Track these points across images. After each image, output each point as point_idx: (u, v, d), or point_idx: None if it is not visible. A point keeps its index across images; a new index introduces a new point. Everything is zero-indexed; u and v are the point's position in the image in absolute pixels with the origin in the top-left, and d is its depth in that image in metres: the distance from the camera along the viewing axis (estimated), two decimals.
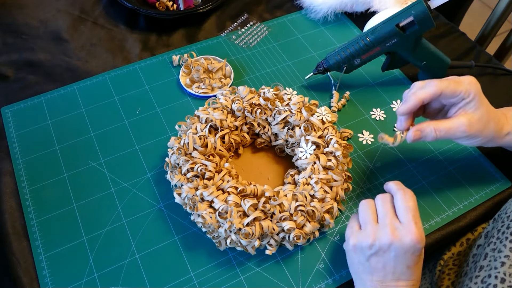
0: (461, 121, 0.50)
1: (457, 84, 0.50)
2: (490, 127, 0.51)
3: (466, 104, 0.50)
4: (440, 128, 0.50)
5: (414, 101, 0.50)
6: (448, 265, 0.57)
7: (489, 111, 0.51)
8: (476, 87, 0.50)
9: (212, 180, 0.54)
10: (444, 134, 0.50)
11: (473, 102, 0.49)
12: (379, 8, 0.77)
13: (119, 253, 0.53)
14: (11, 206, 0.56)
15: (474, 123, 0.50)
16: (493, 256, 0.47)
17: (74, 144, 0.62)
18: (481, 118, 0.50)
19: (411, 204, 0.47)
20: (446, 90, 0.49)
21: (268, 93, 0.61)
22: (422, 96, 0.50)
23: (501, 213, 0.51)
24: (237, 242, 0.51)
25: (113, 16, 0.81)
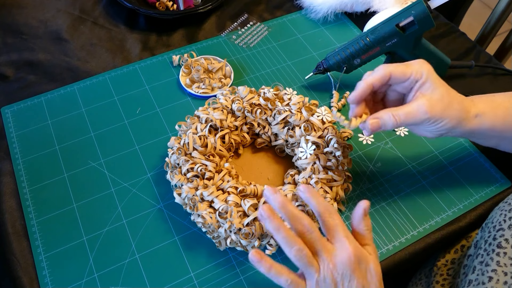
0: (420, 103, 0.47)
1: (406, 66, 0.48)
2: (453, 107, 0.48)
3: (421, 86, 0.48)
4: (398, 113, 0.47)
5: (363, 86, 0.48)
6: (443, 274, 0.56)
7: (449, 91, 0.49)
8: (428, 67, 0.48)
9: (212, 180, 0.54)
10: (404, 118, 0.47)
11: (428, 82, 0.47)
12: (379, 8, 0.77)
13: (119, 253, 0.53)
14: (11, 206, 0.56)
15: (435, 103, 0.47)
16: (480, 270, 0.47)
17: (74, 144, 0.62)
18: (442, 97, 0.47)
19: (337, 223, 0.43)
20: (394, 72, 0.47)
21: (268, 93, 0.61)
22: (370, 80, 0.48)
23: (488, 222, 0.51)
24: (237, 242, 0.51)
25: (113, 16, 0.81)
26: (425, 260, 0.62)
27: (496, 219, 0.49)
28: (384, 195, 0.59)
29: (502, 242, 0.46)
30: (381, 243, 0.55)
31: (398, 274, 0.59)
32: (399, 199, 0.59)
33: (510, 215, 0.47)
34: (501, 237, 0.47)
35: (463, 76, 0.74)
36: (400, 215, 0.57)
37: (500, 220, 0.48)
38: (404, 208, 0.58)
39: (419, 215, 0.57)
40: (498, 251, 0.46)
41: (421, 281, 0.58)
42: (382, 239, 0.55)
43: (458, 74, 0.74)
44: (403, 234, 0.56)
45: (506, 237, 0.46)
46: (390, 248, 0.55)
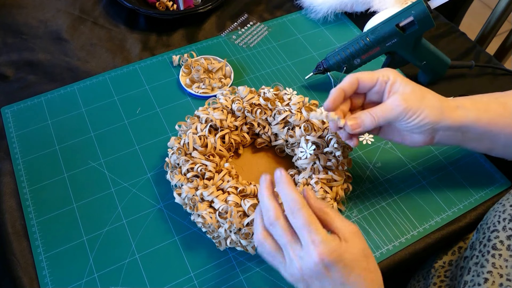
0: (394, 98, 0.48)
1: (373, 72, 0.49)
2: (428, 97, 0.48)
3: (392, 86, 0.48)
4: (375, 110, 0.48)
5: (335, 92, 0.49)
6: (440, 276, 0.56)
7: (421, 87, 0.49)
8: (394, 71, 0.49)
9: (212, 180, 0.54)
10: (381, 115, 0.48)
11: (397, 82, 0.48)
12: (379, 8, 0.77)
13: (119, 253, 0.53)
14: (11, 206, 0.56)
15: (408, 96, 0.47)
16: (476, 271, 0.47)
17: (74, 144, 0.62)
18: (414, 91, 0.48)
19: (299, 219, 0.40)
20: (362, 77, 0.49)
21: (268, 93, 0.61)
22: (340, 86, 0.49)
23: (483, 224, 0.50)
24: (237, 242, 0.51)
25: (113, 16, 0.81)
26: (425, 260, 0.62)
27: (490, 220, 0.49)
28: (384, 195, 0.59)
29: (497, 244, 0.46)
30: (381, 243, 0.55)
31: (398, 274, 0.59)
32: (399, 199, 0.59)
33: (504, 217, 0.48)
34: (496, 239, 0.47)
35: (463, 76, 0.74)
36: (400, 215, 0.57)
37: (495, 221, 0.48)
38: (404, 208, 0.58)
39: (419, 215, 0.57)
40: (493, 252, 0.46)
41: (419, 283, 0.58)
42: (382, 239, 0.55)
43: (458, 74, 0.74)
44: (403, 234, 0.56)
45: (501, 239, 0.46)
46: (390, 248, 0.55)
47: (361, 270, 0.40)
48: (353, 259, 0.40)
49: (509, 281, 0.44)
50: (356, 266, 0.40)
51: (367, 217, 0.57)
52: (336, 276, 0.40)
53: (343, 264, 0.39)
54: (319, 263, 0.39)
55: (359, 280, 0.40)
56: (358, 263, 0.40)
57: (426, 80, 0.71)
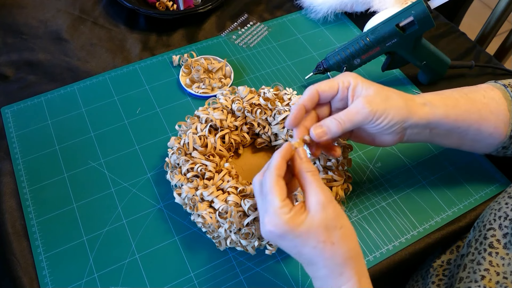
0: (358, 101, 0.46)
1: (332, 80, 0.48)
2: (393, 97, 0.47)
3: (354, 90, 0.47)
4: (340, 115, 0.46)
5: (295, 109, 0.47)
6: (439, 275, 0.56)
7: (384, 87, 0.48)
8: (354, 75, 0.48)
9: (212, 180, 0.54)
10: (346, 119, 0.46)
11: (359, 85, 0.47)
12: (379, 8, 0.77)
13: (119, 253, 0.53)
14: (11, 206, 0.56)
15: (372, 98, 0.46)
16: (472, 268, 0.47)
17: (74, 144, 0.62)
18: (377, 92, 0.46)
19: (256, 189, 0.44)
20: (321, 87, 0.47)
21: (268, 93, 0.61)
22: (300, 102, 0.47)
23: (479, 221, 0.50)
24: (237, 242, 0.51)
25: (113, 16, 0.81)
26: (424, 260, 0.62)
27: (486, 218, 0.49)
28: (384, 195, 0.59)
29: (494, 242, 0.46)
30: (381, 243, 0.55)
31: (398, 274, 0.60)
32: (399, 199, 0.59)
33: (499, 215, 0.48)
34: (493, 237, 0.47)
35: (463, 76, 0.74)
36: (400, 215, 0.57)
37: (490, 219, 0.48)
38: (404, 208, 0.58)
39: (419, 215, 0.57)
40: (490, 250, 0.46)
41: (418, 283, 0.58)
42: (382, 239, 0.55)
43: (458, 74, 0.74)
44: (403, 234, 0.56)
45: (497, 237, 0.46)
46: (390, 248, 0.55)
47: (318, 242, 0.40)
48: (308, 231, 0.40)
49: (506, 279, 0.44)
50: (311, 238, 0.40)
51: (367, 217, 0.57)
52: (290, 244, 0.41)
53: (294, 235, 0.40)
54: (268, 232, 0.41)
55: (314, 252, 0.40)
56: (315, 235, 0.40)
57: (426, 80, 0.71)
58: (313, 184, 0.42)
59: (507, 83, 0.53)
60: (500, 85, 0.53)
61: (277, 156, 0.43)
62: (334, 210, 0.41)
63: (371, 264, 0.53)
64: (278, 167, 0.43)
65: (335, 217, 0.41)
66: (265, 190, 0.42)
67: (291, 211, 0.40)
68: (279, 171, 0.42)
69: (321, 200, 0.40)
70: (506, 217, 0.47)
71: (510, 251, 0.45)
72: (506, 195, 0.49)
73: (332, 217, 0.40)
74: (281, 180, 0.42)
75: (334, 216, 0.41)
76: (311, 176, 0.42)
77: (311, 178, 0.42)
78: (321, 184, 0.42)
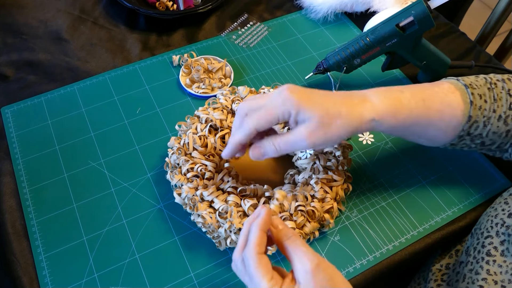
0: (298, 131, 0.44)
1: (269, 113, 0.45)
2: (337, 125, 0.44)
3: (296, 118, 0.45)
4: (278, 141, 0.46)
5: (233, 145, 0.48)
6: (437, 280, 0.56)
7: (328, 108, 0.44)
8: (293, 101, 0.44)
9: (212, 180, 0.54)
10: (284, 146, 0.46)
11: (301, 113, 0.44)
12: (379, 8, 0.77)
13: (119, 253, 0.53)
14: (11, 206, 0.56)
15: (313, 130, 0.44)
16: (470, 278, 0.46)
17: (74, 144, 0.62)
18: (320, 121, 0.44)
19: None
20: (259, 125, 0.45)
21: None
22: (237, 140, 0.47)
23: (477, 228, 0.50)
24: (237, 242, 0.51)
25: (113, 16, 0.81)
26: (425, 261, 0.62)
27: (483, 225, 0.48)
28: (384, 195, 0.59)
29: (491, 250, 0.46)
30: (381, 243, 0.55)
31: (398, 274, 0.60)
32: (399, 199, 0.59)
33: (496, 221, 0.47)
34: (490, 245, 0.46)
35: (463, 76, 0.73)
36: (400, 215, 0.57)
37: (488, 226, 0.48)
38: (404, 208, 0.58)
39: (419, 215, 0.57)
40: (488, 259, 0.46)
41: (420, 286, 0.58)
42: (382, 239, 0.55)
43: (458, 74, 0.73)
44: (403, 234, 0.56)
45: (495, 245, 0.46)
46: (390, 248, 0.55)
47: None
48: None
49: (504, 287, 0.43)
50: None
51: (367, 217, 0.57)
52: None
53: None
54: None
55: None
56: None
57: (426, 80, 0.71)
58: (296, 251, 0.40)
59: (469, 83, 0.50)
60: (461, 85, 0.50)
61: (255, 230, 0.41)
62: (325, 275, 0.39)
63: (371, 264, 0.53)
64: (258, 243, 0.40)
65: (327, 282, 0.39)
66: (249, 271, 0.40)
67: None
68: (260, 248, 0.40)
69: (309, 269, 0.38)
70: (503, 224, 0.46)
71: (508, 258, 0.45)
72: (503, 200, 0.49)
73: (325, 282, 0.39)
74: (264, 258, 0.40)
75: (327, 280, 0.39)
76: (292, 243, 0.40)
77: (293, 245, 0.40)
78: (304, 248, 0.40)
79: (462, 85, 0.50)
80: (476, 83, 0.51)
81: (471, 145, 0.52)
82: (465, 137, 0.50)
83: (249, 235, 0.41)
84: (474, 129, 0.50)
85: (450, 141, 0.51)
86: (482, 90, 0.50)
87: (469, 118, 0.49)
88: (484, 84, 0.51)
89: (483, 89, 0.50)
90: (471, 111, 0.49)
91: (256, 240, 0.40)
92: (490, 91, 0.50)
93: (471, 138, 0.51)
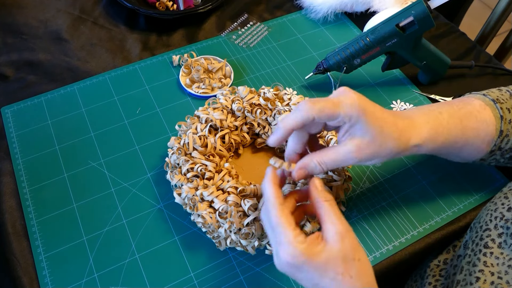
0: (347, 149, 0.43)
1: (335, 106, 0.42)
2: (387, 146, 0.43)
3: (351, 127, 0.42)
4: (324, 160, 0.43)
5: (282, 131, 0.43)
6: (435, 275, 0.56)
7: (383, 128, 0.43)
8: (359, 107, 0.41)
9: (212, 180, 0.54)
10: (331, 165, 0.44)
11: (359, 124, 0.42)
12: (379, 8, 0.77)
13: (119, 253, 0.53)
14: (11, 206, 0.56)
15: (364, 147, 0.42)
16: (468, 270, 0.46)
17: (74, 144, 0.62)
18: (373, 140, 0.42)
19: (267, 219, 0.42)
20: (320, 115, 0.41)
21: (268, 93, 0.61)
22: (289, 125, 0.43)
23: (476, 222, 0.50)
24: (237, 242, 0.51)
25: (113, 16, 0.81)
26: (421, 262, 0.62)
27: (483, 219, 0.49)
28: (384, 195, 0.59)
29: (489, 242, 0.46)
30: (381, 243, 0.55)
31: (398, 274, 0.59)
32: (399, 199, 0.59)
33: (495, 215, 0.47)
34: (488, 237, 0.47)
35: (463, 76, 0.74)
36: (400, 215, 0.57)
37: (487, 220, 0.48)
38: (404, 208, 0.58)
39: (419, 215, 0.57)
40: (485, 251, 0.46)
41: (417, 283, 0.58)
42: (382, 239, 0.55)
43: (458, 74, 0.74)
44: (403, 234, 0.56)
45: (492, 237, 0.46)
46: (390, 248, 0.55)
47: (336, 274, 0.39)
48: (326, 263, 0.39)
49: (501, 279, 0.43)
50: (330, 269, 0.39)
51: (367, 217, 0.57)
52: (308, 276, 0.40)
53: (312, 266, 0.39)
54: (285, 264, 0.40)
55: (332, 285, 0.39)
56: (333, 267, 0.39)
57: (426, 80, 0.71)
58: (331, 214, 0.41)
59: (495, 98, 0.51)
60: (490, 100, 0.51)
61: (268, 185, 0.42)
62: (352, 242, 0.40)
63: (371, 264, 0.53)
64: (276, 195, 0.42)
65: (352, 249, 0.40)
66: (273, 222, 0.41)
67: (306, 240, 0.40)
68: (280, 199, 0.42)
69: (340, 230, 0.39)
70: (502, 217, 0.47)
71: (505, 250, 0.45)
72: (502, 195, 0.49)
73: (350, 249, 0.39)
74: (285, 209, 0.41)
75: (352, 248, 0.40)
76: (329, 205, 0.41)
77: (329, 208, 0.41)
78: (338, 214, 0.41)
79: (490, 100, 0.51)
80: (502, 97, 0.51)
81: (500, 160, 0.53)
82: (496, 152, 0.51)
83: (264, 193, 0.43)
84: (505, 143, 0.50)
85: (481, 157, 0.52)
86: (509, 103, 0.51)
87: (500, 133, 0.49)
88: (510, 98, 0.52)
89: (510, 102, 0.51)
90: (502, 125, 0.49)
91: (272, 193, 0.42)
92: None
93: (501, 153, 0.51)
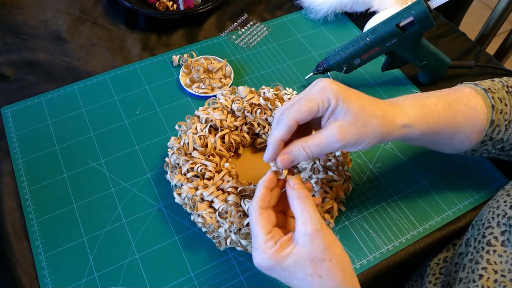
0: (331, 131, 0.42)
1: (308, 100, 0.42)
2: (372, 125, 0.43)
3: (332, 112, 0.42)
4: (308, 145, 0.42)
5: (272, 146, 0.43)
6: (435, 274, 0.56)
7: (365, 106, 0.42)
8: (333, 88, 0.42)
9: (212, 180, 0.54)
10: (316, 150, 0.43)
11: (339, 106, 0.41)
12: (379, 8, 0.77)
13: (119, 253, 0.53)
14: (11, 206, 0.56)
15: (347, 128, 0.42)
16: (470, 268, 0.47)
17: (74, 144, 0.62)
18: (355, 119, 0.42)
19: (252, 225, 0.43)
20: (300, 116, 0.42)
21: (268, 93, 0.61)
22: (278, 137, 0.43)
23: (477, 220, 0.50)
24: (237, 242, 0.51)
25: (113, 16, 0.81)
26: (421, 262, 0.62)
27: (485, 217, 0.49)
28: (384, 195, 0.59)
29: (492, 240, 0.46)
30: (381, 243, 0.55)
31: (398, 274, 0.59)
32: (399, 199, 0.59)
33: (498, 212, 0.47)
34: (490, 235, 0.47)
35: (463, 76, 0.74)
36: (400, 215, 0.57)
37: (489, 217, 0.48)
38: (404, 208, 0.58)
39: (419, 215, 0.57)
40: (488, 249, 0.46)
41: (417, 283, 0.58)
42: (382, 239, 0.55)
43: (458, 74, 0.74)
44: (403, 234, 0.56)
45: (495, 235, 0.46)
46: (390, 248, 0.55)
47: (305, 275, 0.40)
48: (294, 265, 0.40)
49: (504, 277, 0.43)
50: (298, 271, 0.40)
51: (367, 217, 0.57)
52: (280, 276, 0.42)
53: (281, 269, 0.40)
54: (259, 266, 0.42)
55: (303, 284, 0.40)
56: (302, 268, 0.40)
57: (426, 80, 0.71)
58: (303, 212, 0.40)
59: (487, 87, 0.51)
60: (481, 89, 0.50)
61: (260, 186, 0.43)
62: (323, 241, 0.39)
63: (371, 264, 0.53)
64: (261, 198, 0.43)
65: (324, 249, 0.39)
66: (251, 225, 0.42)
67: (277, 244, 0.40)
68: (262, 203, 0.42)
69: (309, 231, 0.39)
70: (505, 215, 0.47)
71: (508, 248, 0.45)
72: (505, 193, 0.49)
73: (320, 249, 0.39)
74: (264, 212, 0.42)
75: (323, 248, 0.39)
76: (302, 203, 0.41)
77: (301, 206, 0.41)
78: (312, 211, 0.40)
79: (482, 89, 0.51)
80: (494, 87, 0.51)
81: (491, 151, 0.53)
82: (487, 142, 0.51)
83: (255, 192, 0.44)
84: (496, 134, 0.50)
85: (472, 146, 0.52)
86: (501, 93, 0.51)
87: (491, 122, 0.49)
88: (502, 88, 0.51)
89: (502, 92, 0.51)
90: (493, 115, 0.49)
91: (259, 195, 0.43)
92: (509, 95, 0.51)
93: (492, 143, 0.51)
